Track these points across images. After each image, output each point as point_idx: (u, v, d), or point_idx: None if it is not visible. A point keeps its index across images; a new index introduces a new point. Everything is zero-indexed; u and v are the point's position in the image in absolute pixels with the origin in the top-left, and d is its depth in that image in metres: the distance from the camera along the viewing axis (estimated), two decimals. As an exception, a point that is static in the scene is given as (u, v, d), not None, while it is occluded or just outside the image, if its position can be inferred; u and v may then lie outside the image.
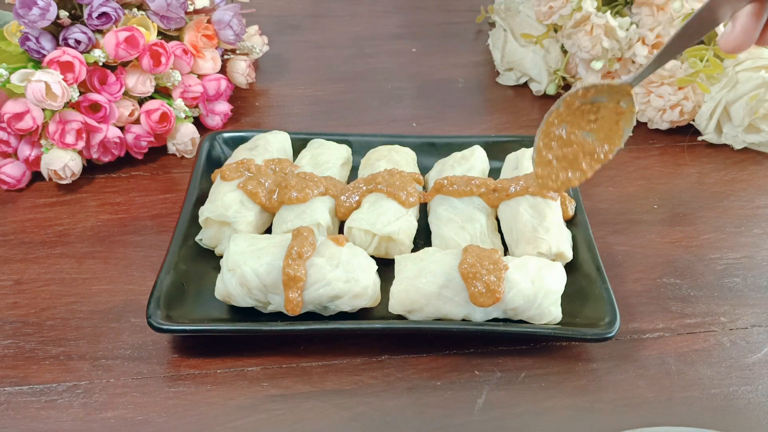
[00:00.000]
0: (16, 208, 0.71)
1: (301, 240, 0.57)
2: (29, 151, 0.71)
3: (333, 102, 0.90)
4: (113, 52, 0.70)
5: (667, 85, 0.79)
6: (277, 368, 0.56)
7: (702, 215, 0.72)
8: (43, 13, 0.68)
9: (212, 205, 0.64)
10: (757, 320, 0.61)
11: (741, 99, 0.77)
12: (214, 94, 0.81)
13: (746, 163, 0.80)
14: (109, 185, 0.75)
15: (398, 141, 0.75)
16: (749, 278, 0.65)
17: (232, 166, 0.67)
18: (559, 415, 0.53)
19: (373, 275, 0.58)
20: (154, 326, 0.55)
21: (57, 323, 0.59)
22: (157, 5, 0.74)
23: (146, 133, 0.75)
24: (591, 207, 0.72)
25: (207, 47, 0.80)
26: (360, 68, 0.97)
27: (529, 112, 0.88)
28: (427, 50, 1.01)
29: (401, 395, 0.55)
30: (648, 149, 0.82)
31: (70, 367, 0.56)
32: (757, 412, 0.54)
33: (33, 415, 0.52)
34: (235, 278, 0.56)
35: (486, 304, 0.55)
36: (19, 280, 0.63)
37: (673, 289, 0.64)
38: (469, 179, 0.66)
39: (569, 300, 0.59)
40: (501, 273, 0.56)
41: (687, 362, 0.57)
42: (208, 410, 0.53)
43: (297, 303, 0.56)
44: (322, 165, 0.70)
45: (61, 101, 0.67)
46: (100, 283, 0.63)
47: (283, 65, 0.97)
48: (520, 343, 0.58)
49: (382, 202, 0.64)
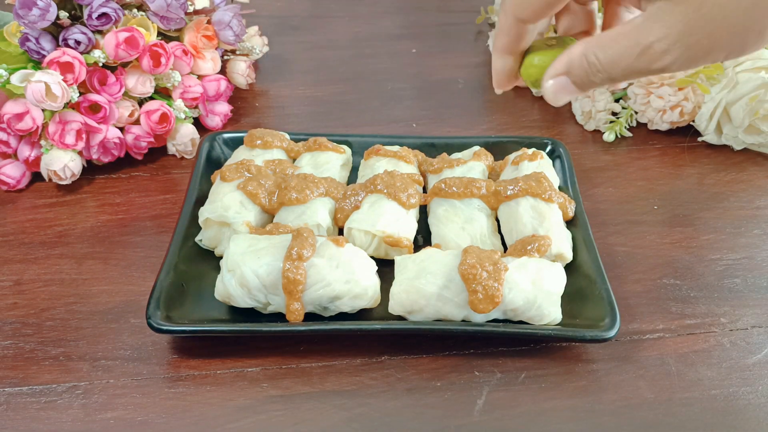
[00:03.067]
0: (15, 209, 0.71)
1: (302, 241, 0.57)
2: (29, 152, 0.71)
3: (333, 102, 0.90)
4: (113, 53, 0.70)
5: (667, 86, 0.79)
6: (277, 369, 0.56)
7: (702, 216, 0.72)
8: (43, 13, 0.68)
9: (212, 205, 0.64)
10: (758, 321, 0.61)
11: (741, 100, 0.77)
12: (213, 95, 0.81)
13: (746, 164, 0.80)
14: (109, 186, 0.75)
15: (398, 141, 0.75)
16: (749, 279, 0.65)
17: (232, 166, 0.67)
18: (559, 416, 0.53)
19: (373, 276, 0.58)
20: (154, 327, 0.55)
21: (56, 324, 0.59)
22: (157, 6, 0.74)
23: (146, 133, 0.75)
24: (591, 208, 0.72)
25: (207, 48, 0.80)
26: (360, 69, 0.97)
27: (529, 113, 0.88)
28: (427, 51, 1.01)
29: (401, 396, 0.55)
30: (648, 150, 0.82)
31: (69, 367, 0.56)
32: (758, 413, 0.54)
33: (32, 416, 0.52)
34: (234, 279, 0.56)
35: (486, 310, 0.55)
36: (19, 280, 0.63)
37: (673, 290, 0.64)
38: (468, 181, 0.66)
39: (569, 301, 0.59)
40: (501, 277, 0.56)
41: (687, 363, 0.57)
42: (207, 411, 0.53)
43: (299, 313, 0.56)
44: (322, 166, 0.70)
45: (60, 102, 0.67)
46: (99, 283, 0.63)
47: (283, 66, 0.97)
48: (520, 344, 0.58)
49: (382, 203, 0.64)
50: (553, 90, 0.39)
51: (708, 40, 0.33)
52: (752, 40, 0.34)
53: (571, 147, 0.80)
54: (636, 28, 0.35)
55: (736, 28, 0.33)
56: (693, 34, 0.33)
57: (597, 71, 0.37)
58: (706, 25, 0.33)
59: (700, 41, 0.34)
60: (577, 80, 0.38)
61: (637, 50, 0.35)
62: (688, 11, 0.33)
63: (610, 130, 0.82)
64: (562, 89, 0.39)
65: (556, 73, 0.39)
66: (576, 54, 0.38)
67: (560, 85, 0.39)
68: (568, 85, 0.39)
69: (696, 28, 0.33)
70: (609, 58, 0.36)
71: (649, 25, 0.34)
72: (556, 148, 0.75)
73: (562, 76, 0.39)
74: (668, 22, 0.34)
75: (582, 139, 0.84)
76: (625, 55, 0.36)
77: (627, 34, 0.36)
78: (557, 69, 0.39)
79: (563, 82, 0.39)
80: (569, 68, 0.38)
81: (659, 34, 0.34)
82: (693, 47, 0.34)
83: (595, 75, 0.37)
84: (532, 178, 0.65)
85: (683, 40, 0.34)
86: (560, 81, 0.39)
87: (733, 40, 0.34)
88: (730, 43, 0.34)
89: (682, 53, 0.34)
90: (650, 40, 0.34)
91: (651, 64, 0.35)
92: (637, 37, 0.35)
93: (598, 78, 0.38)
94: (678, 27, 0.33)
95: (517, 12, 0.38)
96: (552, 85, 0.39)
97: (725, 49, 0.34)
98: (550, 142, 0.75)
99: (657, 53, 0.34)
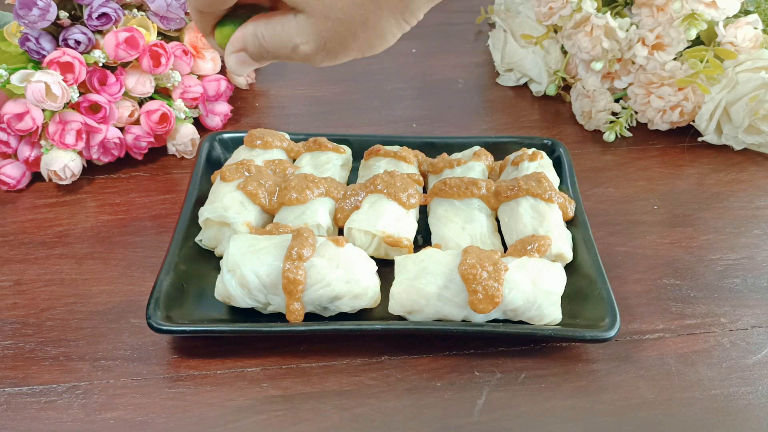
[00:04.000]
0: (15, 209, 0.71)
1: (302, 241, 0.57)
2: (29, 152, 0.71)
3: (333, 103, 0.90)
4: (113, 53, 0.70)
5: (667, 86, 0.79)
6: (277, 369, 0.56)
7: (702, 216, 0.72)
8: (43, 13, 0.68)
9: (212, 205, 0.64)
10: (758, 321, 0.61)
11: (741, 100, 0.77)
12: (213, 95, 0.81)
13: (746, 164, 0.80)
14: (109, 186, 0.75)
15: (398, 141, 0.75)
16: (749, 279, 0.65)
17: (232, 166, 0.67)
18: (559, 416, 0.53)
19: (373, 276, 0.58)
20: (154, 327, 0.55)
21: (57, 324, 0.59)
22: (157, 6, 0.74)
23: (146, 133, 0.75)
24: (591, 208, 0.72)
25: (207, 48, 0.80)
26: (360, 69, 0.97)
27: (529, 113, 0.88)
28: (427, 51, 1.01)
29: (401, 396, 0.55)
30: (648, 150, 0.82)
31: (69, 367, 0.56)
32: (758, 413, 0.54)
33: (32, 416, 0.52)
34: (234, 279, 0.56)
35: (486, 310, 0.56)
36: (19, 280, 0.63)
37: (673, 290, 0.64)
38: (468, 181, 0.66)
39: (569, 301, 0.59)
40: (501, 277, 0.56)
41: (687, 363, 0.57)
42: (207, 411, 0.53)
43: (299, 313, 0.56)
44: (322, 166, 0.70)
45: (60, 102, 0.67)
46: (99, 283, 0.63)
47: (283, 66, 0.97)
48: (520, 344, 0.58)
49: (382, 203, 0.64)
50: (235, 63, 0.45)
51: (337, 42, 0.42)
52: (361, 33, 0.41)
53: (571, 147, 0.80)
54: (288, 28, 0.42)
55: (348, 26, 0.41)
56: (326, 39, 0.42)
57: (266, 51, 0.44)
58: (331, 31, 0.41)
59: (332, 44, 0.42)
60: (252, 55, 0.44)
61: (290, 45, 0.42)
62: (318, 22, 0.41)
63: (610, 130, 0.82)
64: (242, 62, 0.45)
65: (235, 49, 0.45)
66: (249, 33, 0.44)
67: (240, 59, 0.45)
68: (246, 59, 0.45)
69: (325, 33, 0.41)
70: (273, 44, 0.43)
71: (296, 29, 0.42)
72: (556, 148, 0.75)
73: (241, 51, 0.45)
74: (307, 30, 0.41)
75: (582, 139, 0.84)
76: (282, 46, 0.43)
77: (283, 29, 0.42)
78: (235, 45, 0.45)
79: (242, 56, 0.45)
80: (245, 45, 0.44)
81: (302, 39, 0.42)
82: (329, 49, 0.42)
83: (265, 53, 0.44)
84: (532, 178, 0.65)
85: (320, 45, 0.42)
86: (239, 56, 0.45)
87: (354, 39, 0.42)
88: (355, 41, 0.42)
89: (323, 53, 0.42)
90: (296, 42, 0.42)
91: (302, 59, 0.43)
92: (289, 36, 0.42)
93: (269, 56, 0.44)
94: (314, 35, 0.41)
95: (195, 4, 0.44)
96: (233, 59, 0.45)
97: (354, 47, 0.42)
98: (550, 142, 0.75)
99: (304, 52, 0.42)
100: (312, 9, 0.41)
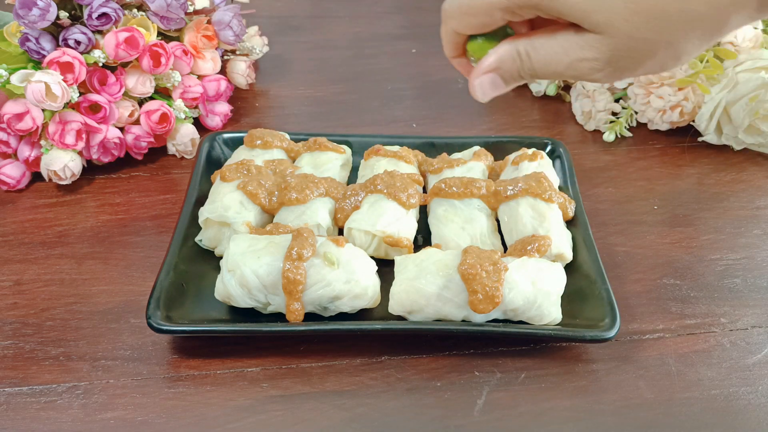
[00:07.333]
0: (15, 209, 0.71)
1: (302, 241, 0.57)
2: (29, 152, 0.71)
3: (333, 103, 0.90)
4: (113, 53, 0.70)
5: (667, 86, 0.79)
6: (277, 369, 0.56)
7: (702, 216, 0.72)
8: (43, 13, 0.68)
9: (212, 205, 0.64)
10: (757, 321, 0.61)
11: (741, 100, 0.76)
12: (214, 95, 0.81)
13: (746, 164, 0.80)
14: (109, 186, 0.75)
15: (398, 141, 0.75)
16: (749, 279, 0.65)
17: (232, 166, 0.67)
18: (559, 416, 0.53)
19: (373, 276, 0.58)
20: (154, 327, 0.55)
21: (56, 324, 0.59)
22: (157, 6, 0.74)
23: (146, 133, 0.75)
24: (591, 208, 0.72)
25: (207, 48, 0.80)
26: (360, 69, 0.97)
27: (529, 113, 0.88)
28: (427, 51, 1.01)
29: (401, 396, 0.55)
30: (648, 150, 0.82)
31: (69, 367, 0.56)
32: (758, 413, 0.54)
33: (32, 416, 0.52)
34: (234, 279, 0.56)
35: (486, 310, 0.56)
36: (19, 280, 0.63)
37: (673, 290, 0.64)
38: (468, 181, 0.66)
39: (569, 301, 0.59)
40: (501, 277, 0.56)
41: (687, 363, 0.57)
42: (207, 411, 0.53)
43: (299, 313, 0.56)
44: (322, 166, 0.70)
45: (60, 102, 0.67)
46: (99, 283, 0.63)
47: (283, 66, 0.97)
48: (519, 344, 0.58)
49: (382, 203, 0.64)
50: (489, 84, 0.43)
51: (631, 60, 0.40)
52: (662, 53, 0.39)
53: (571, 147, 0.80)
54: (569, 43, 0.40)
55: (652, 46, 0.39)
56: (620, 57, 0.39)
57: (527, 68, 0.42)
58: (631, 50, 0.39)
59: (625, 61, 0.40)
60: (506, 75, 0.42)
61: (567, 61, 0.40)
62: (618, 41, 0.39)
63: (610, 130, 0.82)
64: (491, 85, 0.43)
65: (488, 70, 0.43)
66: (507, 53, 0.42)
67: (489, 81, 0.43)
68: (496, 81, 0.43)
69: (623, 51, 0.39)
70: (541, 60, 0.41)
71: (580, 45, 0.40)
72: (556, 148, 0.74)
73: (492, 73, 0.43)
74: (600, 49, 0.39)
75: (582, 139, 0.84)
76: (554, 62, 0.41)
77: (560, 45, 0.40)
78: (489, 65, 0.43)
79: (492, 78, 0.43)
80: (500, 64, 0.42)
81: (590, 55, 0.40)
82: (620, 66, 0.40)
83: (524, 71, 0.42)
84: (532, 178, 0.65)
85: (611, 61, 0.40)
86: (492, 77, 0.43)
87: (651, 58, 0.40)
88: (651, 60, 0.40)
89: (609, 69, 0.40)
90: (580, 57, 0.40)
91: (578, 76, 0.41)
92: (568, 51, 0.40)
93: (527, 74, 0.42)
94: (607, 52, 0.39)
95: (458, 28, 0.43)
96: (487, 80, 0.43)
97: (647, 65, 0.40)
98: (550, 142, 0.75)
99: (586, 69, 0.40)
100: (616, 30, 0.38)
